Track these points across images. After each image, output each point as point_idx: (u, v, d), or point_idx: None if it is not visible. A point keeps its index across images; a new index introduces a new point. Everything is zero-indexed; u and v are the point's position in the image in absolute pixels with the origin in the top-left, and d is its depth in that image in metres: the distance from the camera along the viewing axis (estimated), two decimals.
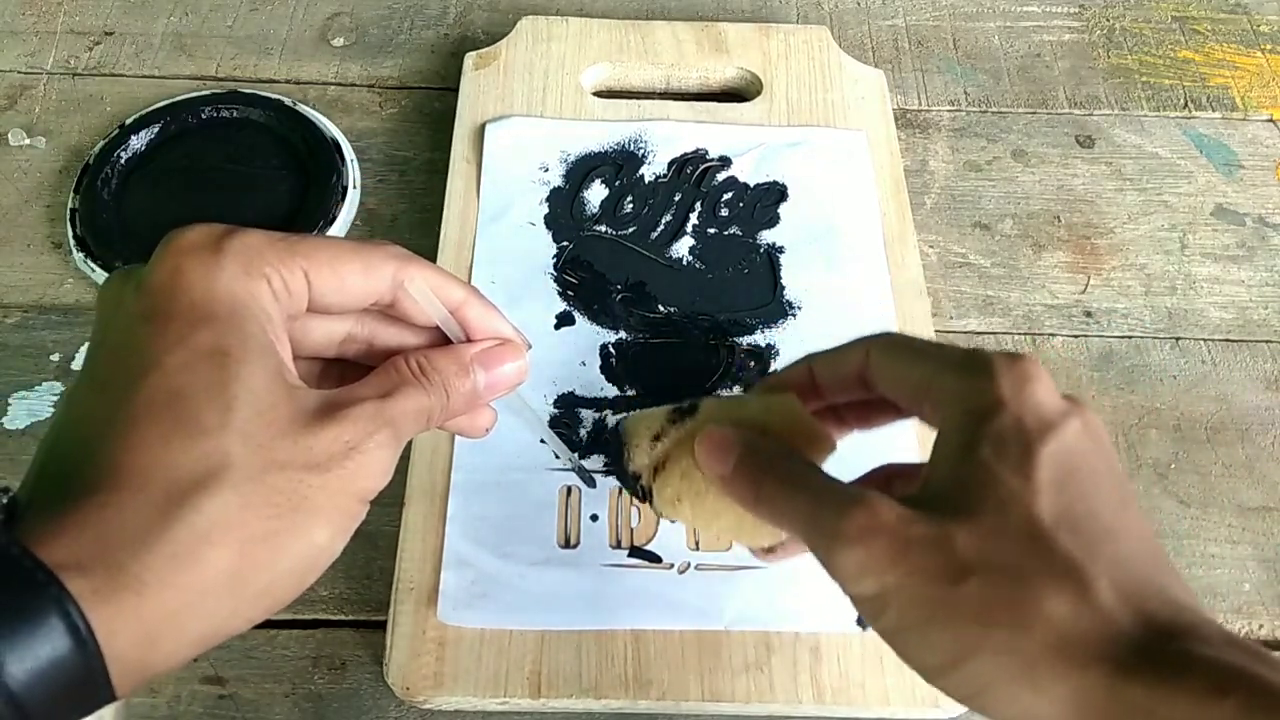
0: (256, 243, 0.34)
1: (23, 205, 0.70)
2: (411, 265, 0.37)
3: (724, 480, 0.39)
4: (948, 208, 0.72)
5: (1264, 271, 0.69)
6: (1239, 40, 0.82)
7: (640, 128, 0.71)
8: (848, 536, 0.33)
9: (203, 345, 0.32)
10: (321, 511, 0.33)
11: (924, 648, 0.32)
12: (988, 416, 0.34)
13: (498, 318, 0.40)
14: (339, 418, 0.34)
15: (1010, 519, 0.32)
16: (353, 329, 0.40)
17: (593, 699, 0.50)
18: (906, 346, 0.40)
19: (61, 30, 0.79)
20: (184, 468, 0.30)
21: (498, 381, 0.40)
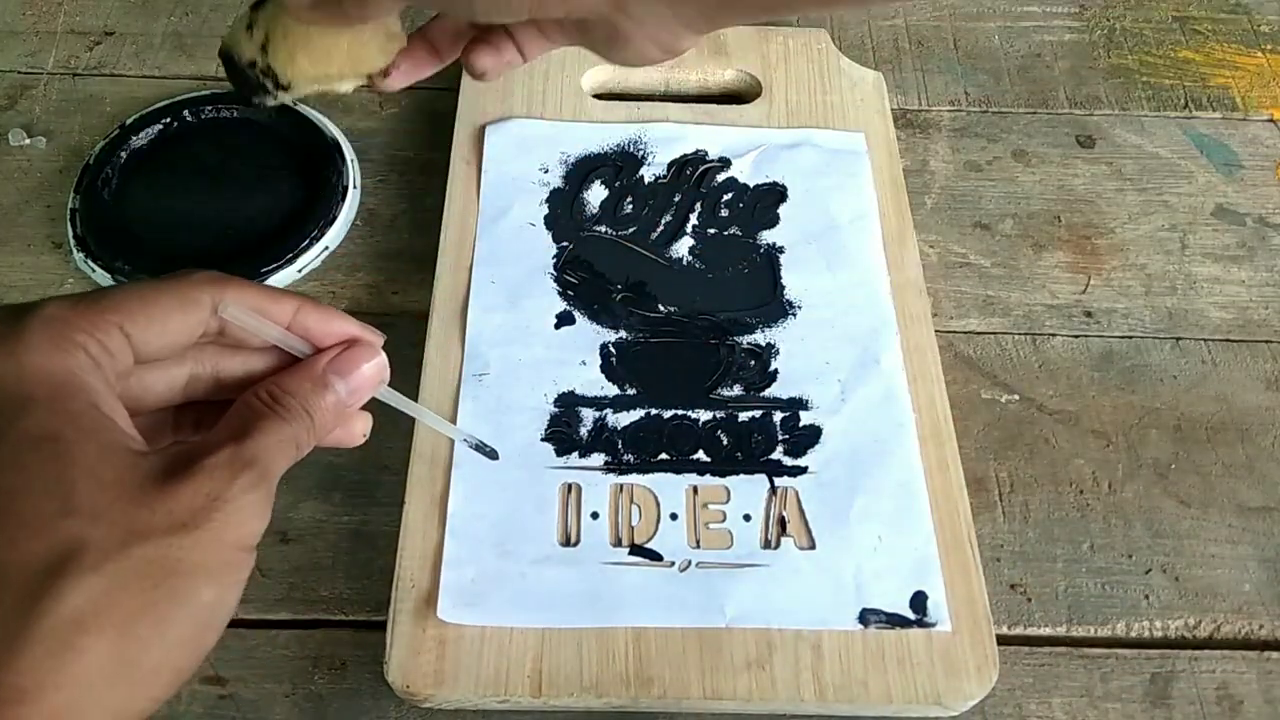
0: (59, 313, 0.33)
1: (23, 205, 0.69)
2: (225, 288, 0.36)
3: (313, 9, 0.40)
4: (948, 208, 0.72)
5: (1264, 271, 0.69)
6: (1239, 40, 0.83)
7: (640, 129, 0.71)
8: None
9: (27, 436, 0.30)
10: (199, 570, 0.31)
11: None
12: None
13: (339, 318, 0.39)
14: (194, 471, 0.32)
15: None
16: (193, 369, 0.38)
17: (594, 697, 0.50)
18: None
19: (61, 30, 0.79)
20: (34, 562, 0.29)
21: (360, 385, 0.39)
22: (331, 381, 0.38)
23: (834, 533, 0.54)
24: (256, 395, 0.36)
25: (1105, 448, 0.61)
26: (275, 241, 0.66)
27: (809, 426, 0.58)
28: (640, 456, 0.57)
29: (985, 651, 0.52)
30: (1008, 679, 0.53)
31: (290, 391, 0.37)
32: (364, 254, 0.68)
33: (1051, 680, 0.54)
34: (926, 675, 0.51)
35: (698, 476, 0.56)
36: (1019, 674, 0.54)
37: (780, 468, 0.57)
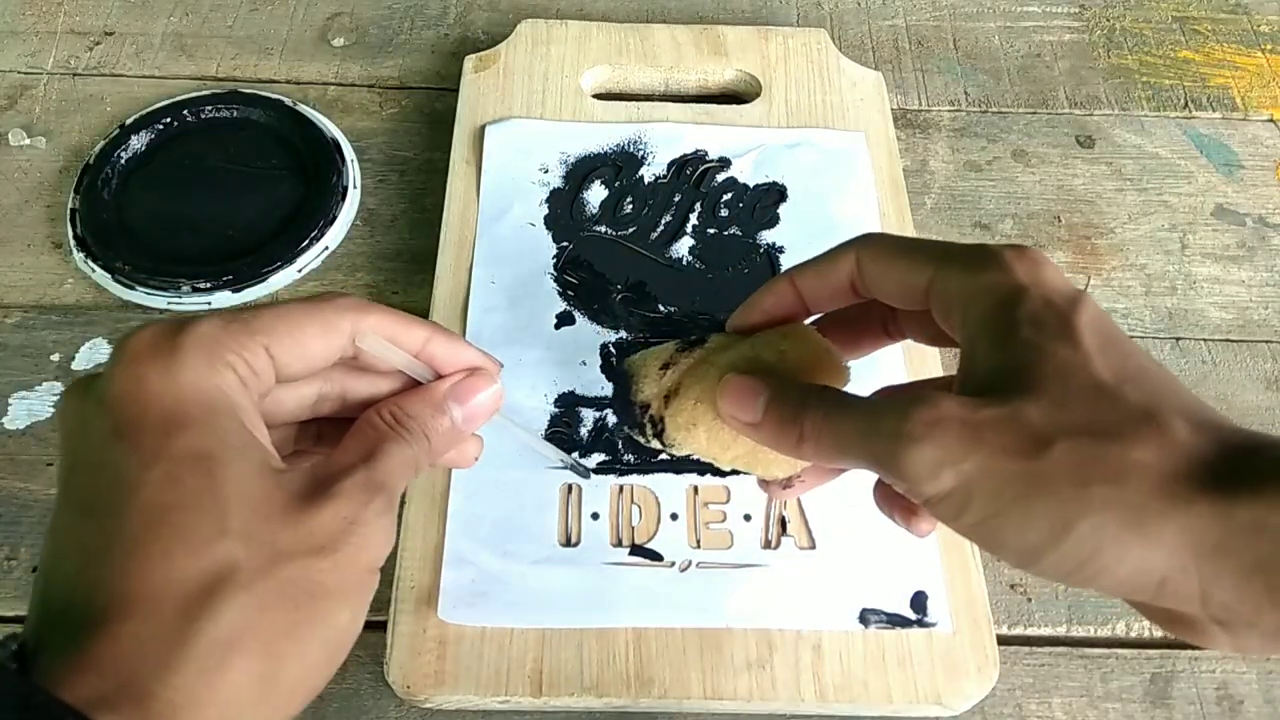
0: (212, 332, 0.33)
1: (23, 205, 0.69)
2: (366, 316, 0.37)
3: (754, 428, 0.39)
4: (948, 208, 0.72)
5: (1264, 271, 0.69)
6: (1239, 40, 0.83)
7: (640, 129, 0.71)
8: (913, 436, 0.32)
9: (183, 453, 0.31)
10: (337, 593, 0.32)
11: (1022, 527, 0.31)
12: (1016, 301, 0.34)
13: (465, 349, 0.40)
14: (333, 495, 0.33)
15: (1074, 383, 0.32)
16: (323, 389, 0.39)
17: (594, 697, 0.50)
18: (897, 247, 0.39)
19: (61, 30, 0.79)
20: (191, 581, 0.30)
21: (475, 413, 0.40)
22: (449, 408, 0.39)
23: (834, 533, 0.54)
24: (380, 415, 0.37)
25: None
26: (275, 241, 0.66)
27: None
28: (640, 457, 0.57)
29: (985, 651, 0.52)
30: (1008, 679, 0.53)
31: (412, 415, 0.38)
32: (364, 254, 0.68)
33: (1051, 680, 0.54)
34: (927, 675, 0.51)
35: (698, 476, 0.56)
36: (1019, 674, 0.54)
37: None
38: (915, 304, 0.38)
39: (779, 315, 0.43)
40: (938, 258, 0.37)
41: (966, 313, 0.36)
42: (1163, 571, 0.29)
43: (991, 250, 0.36)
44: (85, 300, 0.65)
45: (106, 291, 0.65)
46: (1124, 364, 0.33)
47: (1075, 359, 0.32)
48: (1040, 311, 0.34)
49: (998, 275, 0.35)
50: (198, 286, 0.64)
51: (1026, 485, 0.31)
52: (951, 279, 0.36)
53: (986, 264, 0.36)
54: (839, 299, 0.41)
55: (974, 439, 0.31)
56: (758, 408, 0.38)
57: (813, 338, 0.42)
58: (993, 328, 0.34)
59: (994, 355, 0.34)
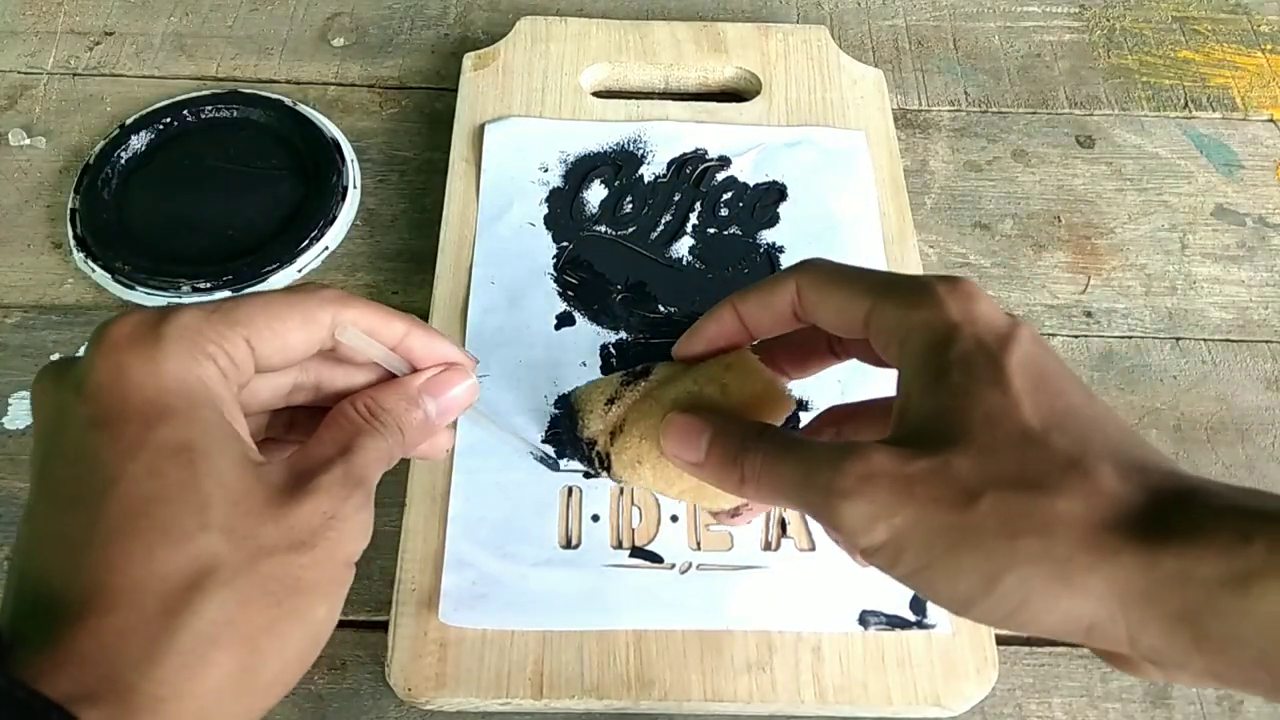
0: (193, 322, 0.33)
1: (23, 205, 0.69)
2: (346, 309, 0.37)
3: (698, 467, 0.39)
4: (948, 208, 0.72)
5: (1264, 271, 0.69)
6: (1239, 40, 0.83)
7: (639, 128, 0.71)
8: (845, 490, 0.32)
9: (164, 445, 0.31)
10: (316, 588, 0.32)
11: (953, 578, 0.32)
12: (948, 341, 0.34)
13: (441, 343, 0.40)
14: (312, 490, 0.33)
15: (1001, 432, 0.32)
16: (298, 378, 0.39)
17: (595, 699, 0.50)
18: (837, 277, 0.39)
19: (61, 30, 0.79)
20: (173, 575, 0.30)
21: (449, 406, 0.40)
22: (424, 401, 0.39)
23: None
24: (355, 407, 0.38)
25: None
26: (275, 241, 0.66)
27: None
28: None
29: (985, 652, 0.52)
30: (1007, 679, 0.53)
31: (386, 408, 0.38)
32: (364, 254, 0.68)
33: (1051, 680, 0.54)
34: (926, 676, 0.51)
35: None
36: (1019, 674, 0.54)
37: None
38: (855, 333, 0.38)
39: (723, 343, 0.43)
40: (875, 289, 0.37)
41: (902, 349, 0.36)
42: (1090, 619, 0.29)
43: (926, 284, 0.36)
44: (85, 300, 0.65)
45: (106, 291, 0.65)
46: (1053, 406, 0.33)
47: (1003, 404, 0.32)
48: (970, 353, 0.34)
49: (931, 312, 0.35)
50: (198, 286, 0.63)
51: (955, 538, 0.31)
52: (887, 313, 0.36)
53: (920, 299, 0.36)
54: (781, 326, 0.41)
55: (905, 492, 0.32)
56: (700, 448, 0.39)
57: (755, 369, 0.42)
58: (925, 370, 0.35)
59: (926, 400, 0.34)
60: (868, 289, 0.37)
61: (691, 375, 0.43)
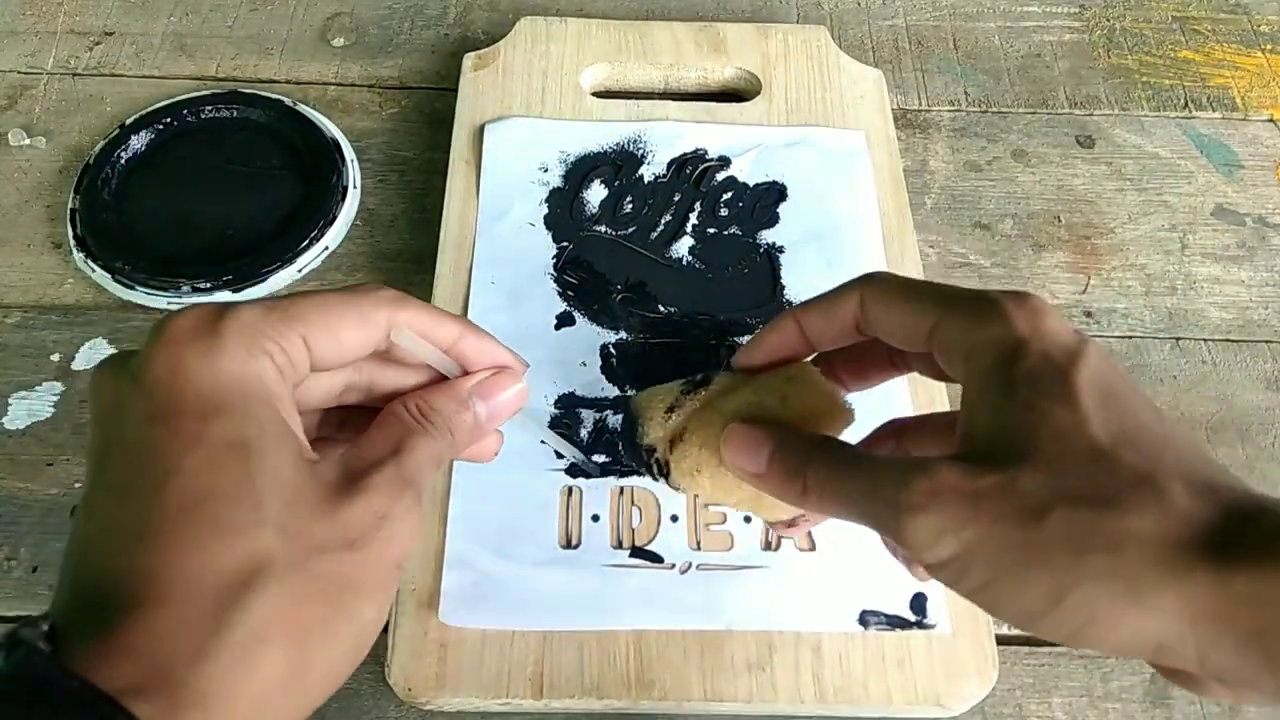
0: (252, 319, 0.33)
1: (23, 205, 0.69)
2: (402, 310, 0.37)
3: (758, 477, 0.39)
4: (948, 208, 0.72)
5: (1264, 271, 0.69)
6: (1239, 40, 0.83)
7: (639, 128, 0.71)
8: (913, 505, 0.32)
9: (220, 440, 0.31)
10: (365, 587, 0.32)
11: (1019, 594, 0.31)
12: (1015, 357, 0.34)
13: (494, 347, 0.40)
14: (364, 488, 0.33)
15: (1070, 448, 0.32)
16: (351, 378, 0.39)
17: (595, 699, 0.50)
18: (902, 291, 0.39)
19: (61, 30, 0.79)
20: (227, 570, 0.30)
21: (498, 410, 0.40)
22: (474, 403, 0.39)
23: (834, 535, 0.54)
24: (406, 408, 0.38)
25: None
26: (275, 241, 0.66)
27: None
28: None
29: (985, 652, 0.52)
30: (1008, 679, 0.53)
31: (437, 409, 0.38)
32: (364, 254, 0.68)
33: (1051, 680, 0.54)
34: (926, 676, 0.51)
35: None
36: (1019, 674, 0.54)
37: None
38: (918, 347, 0.38)
39: (784, 354, 0.43)
40: (941, 304, 0.37)
41: (968, 365, 0.36)
42: (1159, 638, 0.29)
43: (993, 299, 0.36)
44: (85, 300, 0.65)
45: (106, 291, 0.65)
46: (1122, 424, 0.32)
47: (1072, 421, 0.32)
48: (1038, 369, 0.34)
49: (998, 328, 0.35)
50: (198, 286, 0.63)
51: (1022, 554, 0.31)
52: (953, 328, 0.36)
53: (988, 315, 0.35)
54: (843, 338, 0.41)
55: (972, 508, 0.32)
56: (761, 459, 0.39)
57: (816, 381, 0.42)
58: (992, 386, 0.34)
59: (993, 417, 0.34)
60: (933, 303, 0.37)
61: (752, 386, 0.43)
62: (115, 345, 0.63)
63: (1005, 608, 0.32)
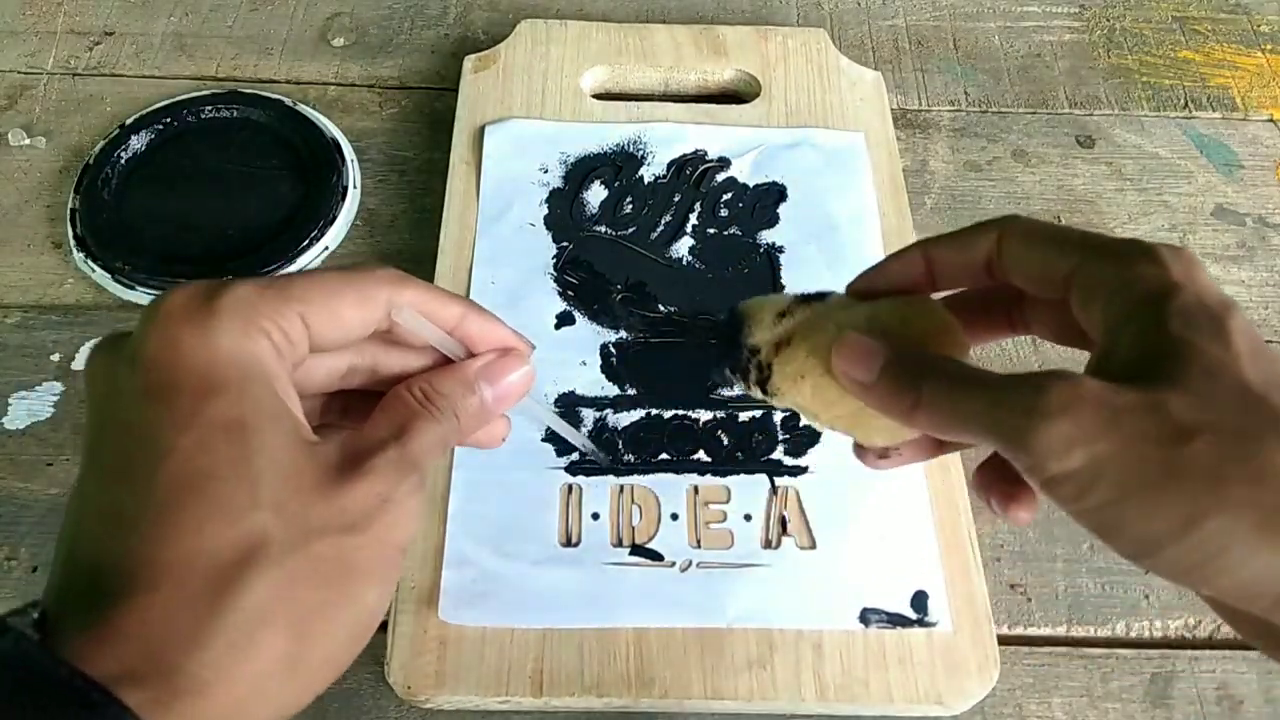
0: (249, 296, 0.32)
1: (23, 205, 0.69)
2: (404, 290, 0.36)
3: (866, 388, 0.37)
4: (948, 208, 0.72)
5: (1264, 271, 0.69)
6: (1239, 40, 0.83)
7: (639, 129, 0.71)
8: (1047, 411, 0.31)
9: (216, 419, 0.30)
10: (366, 571, 0.32)
11: (1148, 516, 0.30)
12: (1168, 296, 0.33)
13: (499, 327, 0.39)
14: (366, 471, 0.33)
15: (1221, 384, 0.31)
16: (354, 360, 0.38)
17: (595, 697, 0.50)
18: (1043, 231, 0.37)
19: (61, 30, 0.79)
20: (223, 553, 0.29)
21: (505, 393, 0.39)
22: (480, 387, 0.38)
23: (835, 532, 0.55)
24: (411, 391, 0.37)
25: None
26: (275, 241, 0.66)
27: (809, 426, 0.58)
28: (641, 456, 0.57)
29: (986, 651, 0.52)
30: (1008, 679, 0.53)
31: (443, 392, 0.37)
32: (364, 254, 0.68)
33: (1051, 680, 0.54)
34: (927, 675, 0.51)
35: (698, 476, 0.56)
36: (1019, 674, 0.54)
37: (781, 467, 0.57)
38: (1054, 292, 0.36)
39: (904, 285, 0.41)
40: (1085, 247, 0.36)
41: (1111, 301, 0.34)
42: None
43: (1146, 245, 0.35)
44: (85, 300, 0.65)
45: (106, 291, 0.65)
46: (1274, 371, 0.32)
47: (1225, 359, 0.31)
48: (1193, 308, 0.32)
49: (1153, 269, 0.34)
50: None
51: (1160, 474, 0.30)
52: (1102, 269, 0.35)
53: (1141, 258, 0.34)
54: (971, 278, 0.40)
55: (1111, 420, 0.30)
56: (874, 368, 0.37)
57: (938, 310, 0.40)
58: (1141, 318, 0.33)
59: (1139, 344, 0.33)
60: (1076, 246, 0.36)
61: (869, 305, 0.41)
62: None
63: (1128, 531, 0.31)
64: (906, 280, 0.41)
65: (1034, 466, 0.32)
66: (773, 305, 0.42)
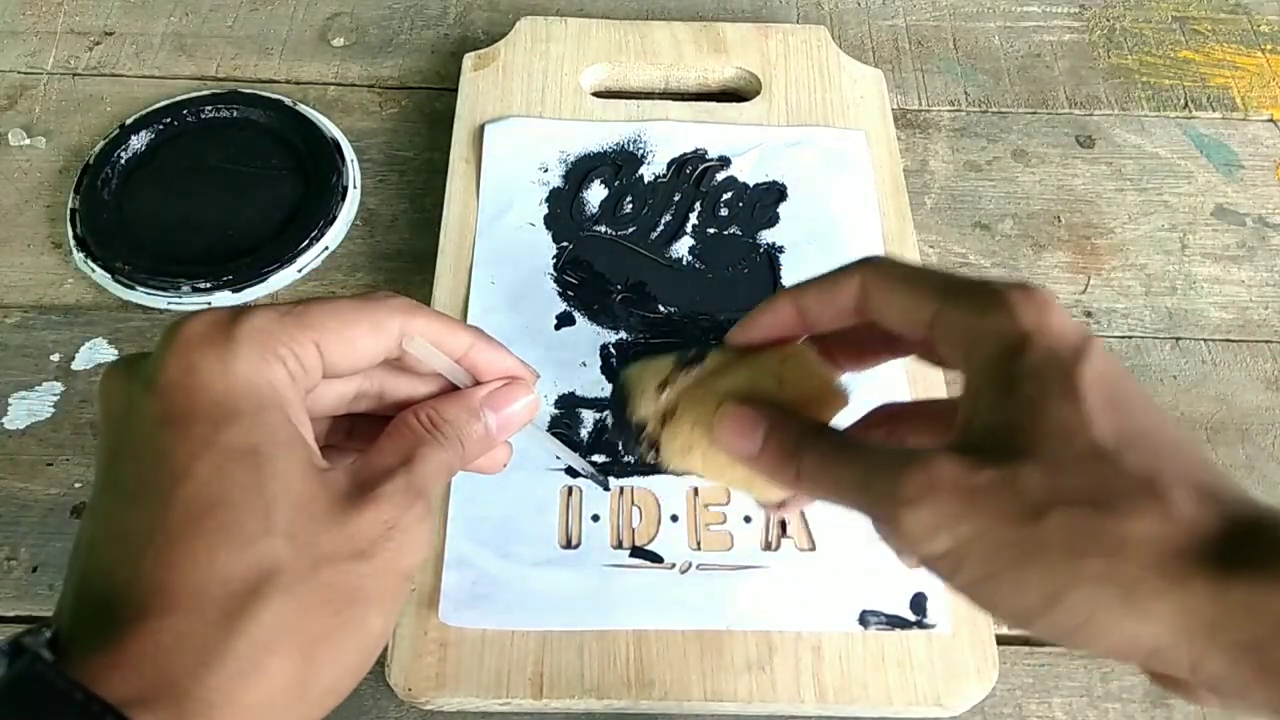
0: (266, 324, 0.33)
1: (23, 205, 0.69)
2: (415, 319, 0.37)
3: (751, 459, 0.38)
4: (948, 208, 0.72)
5: (1264, 271, 0.69)
6: (1239, 40, 0.83)
7: (639, 128, 0.71)
8: (909, 498, 0.31)
9: (232, 446, 0.31)
10: (373, 599, 0.32)
11: (1015, 592, 0.31)
12: (1019, 350, 0.33)
13: (505, 356, 0.40)
14: (374, 498, 0.33)
15: (1072, 448, 0.31)
16: (362, 386, 0.39)
17: (595, 699, 0.50)
18: (905, 276, 0.38)
19: (61, 30, 0.79)
20: (235, 579, 0.29)
21: (509, 421, 0.40)
22: (485, 414, 0.39)
23: (834, 535, 0.55)
24: (417, 418, 0.38)
25: None
26: (275, 241, 0.66)
27: None
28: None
29: (985, 652, 0.52)
30: (1008, 679, 0.53)
31: (448, 419, 0.38)
32: (364, 254, 0.68)
33: (1051, 680, 0.54)
34: (926, 676, 0.51)
35: (698, 479, 0.56)
36: (1019, 674, 0.54)
37: None
38: (919, 334, 0.37)
39: (779, 334, 0.42)
40: (944, 291, 0.36)
41: (970, 355, 0.35)
42: (1153, 644, 0.29)
43: (997, 290, 0.35)
44: (85, 300, 0.65)
45: (106, 291, 0.65)
46: (1128, 424, 0.32)
47: (1075, 419, 0.31)
48: (1042, 365, 0.33)
49: (1002, 319, 0.34)
50: (198, 286, 0.64)
51: (1020, 552, 0.30)
52: (957, 317, 0.35)
53: (991, 305, 0.35)
54: (841, 321, 0.40)
55: (969, 503, 0.31)
56: (756, 441, 0.38)
57: (812, 363, 0.41)
58: (994, 378, 0.34)
59: (994, 410, 0.33)
60: (936, 290, 0.36)
61: (746, 364, 0.42)
62: (115, 345, 0.63)
63: (1000, 606, 0.32)
64: (781, 329, 0.42)
65: (906, 548, 0.33)
66: (654, 374, 0.43)
